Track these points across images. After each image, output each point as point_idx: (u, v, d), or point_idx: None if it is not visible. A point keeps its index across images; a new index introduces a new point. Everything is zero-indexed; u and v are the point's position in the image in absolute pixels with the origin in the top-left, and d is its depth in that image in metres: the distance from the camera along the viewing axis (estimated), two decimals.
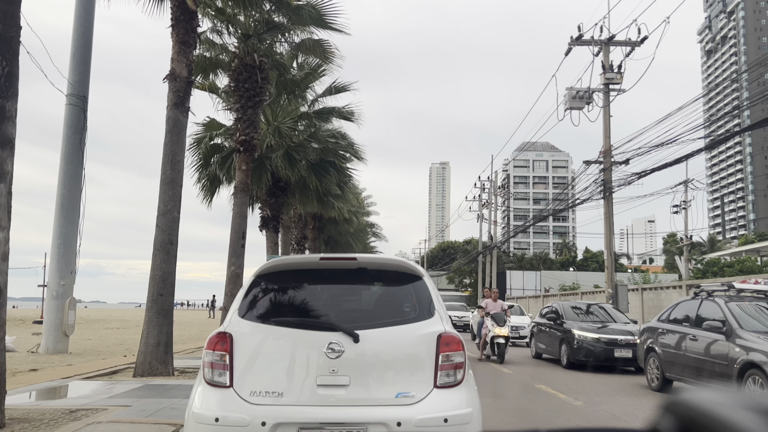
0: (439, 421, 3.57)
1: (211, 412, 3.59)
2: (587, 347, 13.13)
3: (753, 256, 52.71)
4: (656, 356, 10.11)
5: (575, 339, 13.39)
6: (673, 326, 9.93)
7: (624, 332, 13.39)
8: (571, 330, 13.76)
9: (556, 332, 14.60)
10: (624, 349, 12.90)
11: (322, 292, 4.17)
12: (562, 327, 14.38)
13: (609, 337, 13.18)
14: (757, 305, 8.88)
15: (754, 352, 7.54)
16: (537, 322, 16.71)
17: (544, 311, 16.62)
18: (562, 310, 15.21)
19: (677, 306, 10.38)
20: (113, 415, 5.86)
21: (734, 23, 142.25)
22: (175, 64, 10.22)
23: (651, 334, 10.58)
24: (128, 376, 9.40)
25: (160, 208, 9.92)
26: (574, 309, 15.53)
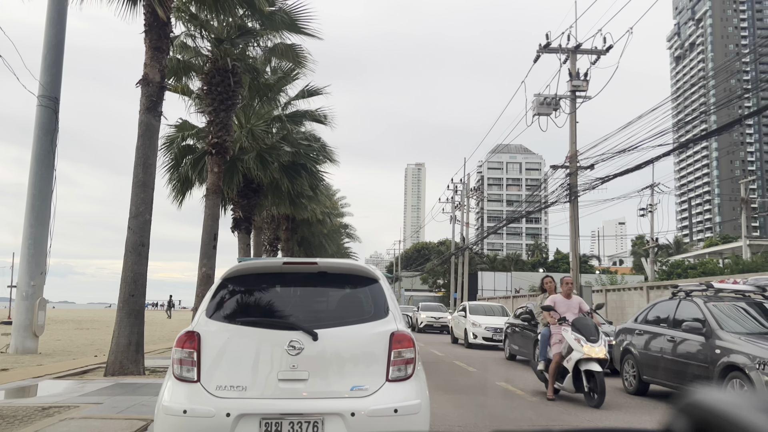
0: (389, 411, 3.91)
1: (180, 405, 3.88)
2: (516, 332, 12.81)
3: (716, 258, 54.30)
4: (633, 358, 9.77)
5: None
6: (651, 327, 9.62)
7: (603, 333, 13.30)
8: None
9: (531, 333, 14.17)
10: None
11: (285, 294, 4.48)
12: (536, 328, 13.98)
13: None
14: (735, 305, 8.62)
15: (736, 354, 7.29)
16: (511, 323, 16.38)
17: (518, 312, 16.19)
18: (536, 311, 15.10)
19: (654, 306, 10.04)
20: (85, 412, 6.09)
21: (702, 30, 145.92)
22: (148, 69, 10.41)
23: (627, 335, 10.22)
24: (99, 375, 9.56)
25: (132, 210, 10.10)
26: None
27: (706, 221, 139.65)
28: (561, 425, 7.13)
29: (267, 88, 17.26)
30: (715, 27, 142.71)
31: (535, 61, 23.97)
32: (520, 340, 15.07)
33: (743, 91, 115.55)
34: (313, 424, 3.83)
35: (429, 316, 30.57)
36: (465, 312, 21.40)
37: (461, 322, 21.40)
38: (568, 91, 22.78)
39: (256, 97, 17.64)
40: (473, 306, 22.38)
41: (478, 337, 19.73)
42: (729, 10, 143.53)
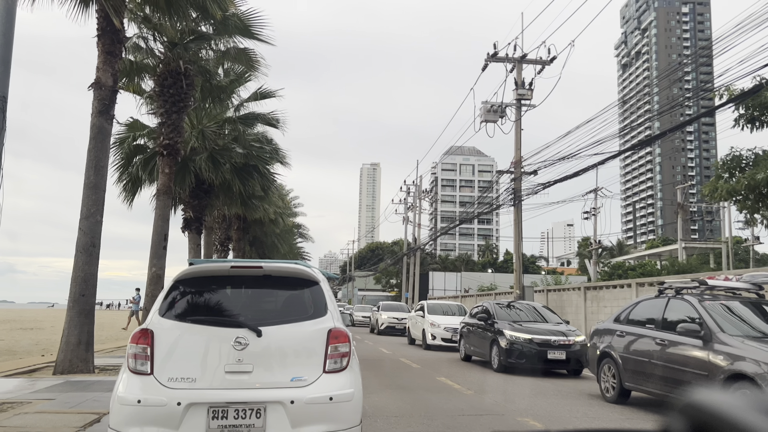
0: (325, 399, 4.40)
1: (134, 396, 4.27)
2: (519, 349, 12.25)
3: (654, 259, 56.86)
4: (613, 363, 8.78)
5: (506, 340, 12.52)
6: (635, 328, 8.63)
7: (556, 332, 12.66)
8: (502, 330, 12.83)
9: (487, 333, 13.63)
10: (557, 351, 12.19)
11: (233, 295, 4.92)
12: (493, 327, 13.42)
13: (542, 338, 12.36)
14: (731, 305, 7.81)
15: (743, 362, 6.47)
16: (466, 323, 15.61)
17: (474, 311, 15.54)
18: (493, 310, 14.17)
19: (638, 305, 9.11)
20: (39, 407, 6.35)
21: (647, 39, 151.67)
22: (101, 73, 10.58)
23: (604, 336, 9.25)
24: (48, 374, 9.71)
25: (83, 211, 10.27)
26: (505, 308, 14.52)
27: (649, 224, 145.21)
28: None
29: (219, 90, 17.46)
30: (660, 37, 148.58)
31: (483, 69, 24.83)
32: (476, 341, 14.42)
33: (684, 98, 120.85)
34: (256, 411, 4.28)
35: (391, 316, 28.19)
36: (423, 311, 20.41)
37: (419, 323, 20.51)
38: (514, 100, 23.71)
39: (208, 99, 17.81)
40: (432, 305, 21.25)
41: (437, 338, 18.84)
42: (673, 21, 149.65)
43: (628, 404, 8.66)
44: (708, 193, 20.14)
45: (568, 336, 12.46)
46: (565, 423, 7.13)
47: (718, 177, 19.29)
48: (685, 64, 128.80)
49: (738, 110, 17.45)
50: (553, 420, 7.20)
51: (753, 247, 52.79)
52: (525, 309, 14.68)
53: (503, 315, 13.93)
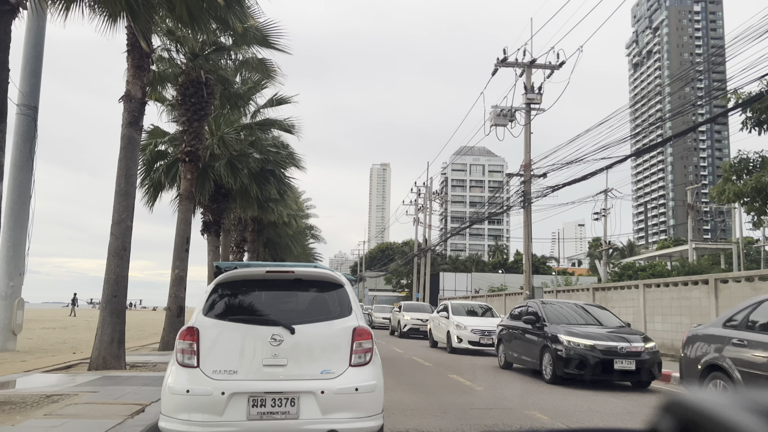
0: (351, 390, 4.95)
1: (183, 386, 4.83)
2: (579, 357, 10.54)
3: (665, 260, 56.95)
4: (727, 378, 7.24)
5: (563, 347, 10.79)
6: (761, 336, 6.96)
7: (620, 337, 10.85)
8: (556, 335, 11.10)
9: (536, 337, 11.95)
10: (626, 360, 10.44)
11: (267, 296, 5.48)
12: (542, 331, 11.72)
13: (606, 344, 10.59)
14: None
15: None
16: (506, 325, 13.95)
17: (516, 311, 13.95)
18: (541, 311, 12.40)
19: (760, 305, 7.37)
20: (86, 398, 6.95)
21: (659, 39, 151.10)
22: (130, 86, 11.20)
23: (711, 345, 7.62)
24: (83, 370, 10.32)
25: (114, 217, 10.88)
26: (556, 309, 12.72)
27: (660, 224, 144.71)
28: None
29: (237, 97, 18.06)
30: (671, 36, 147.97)
31: (493, 74, 25.29)
32: (521, 346, 12.71)
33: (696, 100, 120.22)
34: (290, 400, 4.84)
35: (414, 317, 26.26)
36: (447, 312, 19.11)
37: (442, 324, 19.20)
38: (524, 104, 24.15)
39: (227, 106, 18.44)
40: (456, 305, 19.91)
41: (463, 340, 17.46)
42: (684, 20, 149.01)
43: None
44: (716, 195, 20.51)
45: (634, 342, 10.74)
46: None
47: (725, 179, 19.67)
48: (698, 63, 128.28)
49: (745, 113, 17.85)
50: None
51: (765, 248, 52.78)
52: (574, 309, 12.78)
53: (554, 317, 12.17)
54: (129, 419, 5.86)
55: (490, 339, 16.80)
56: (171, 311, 14.99)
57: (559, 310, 12.57)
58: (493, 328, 16.83)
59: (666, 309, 17.55)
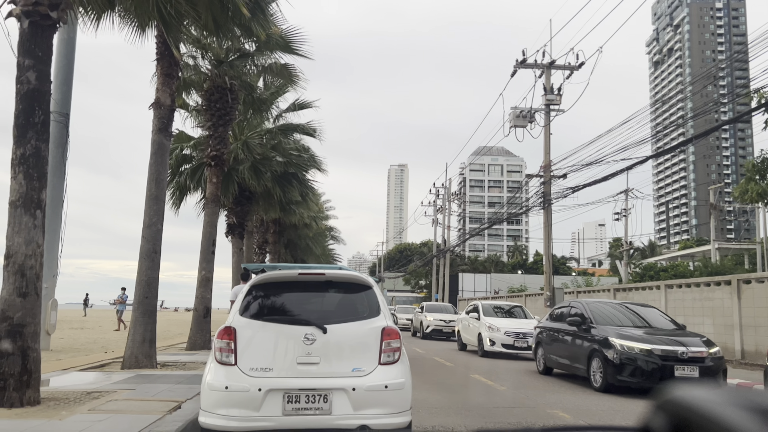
0: (381, 387, 5.17)
1: (221, 383, 5.09)
2: (634, 363, 9.63)
3: (687, 260, 56.34)
4: None
5: (616, 351, 9.85)
6: None
7: (678, 341, 9.92)
8: (607, 338, 10.17)
9: (582, 341, 11.00)
10: (688, 367, 9.55)
11: (300, 297, 5.72)
12: (590, 333, 10.83)
13: (665, 348, 9.69)
14: None
15: None
16: (545, 327, 13.06)
17: (557, 312, 13.08)
18: (588, 311, 11.45)
19: None
20: (124, 395, 7.27)
21: (680, 36, 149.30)
22: (160, 94, 11.55)
23: None
24: (116, 368, 10.68)
25: (145, 221, 11.25)
26: (604, 309, 11.71)
27: (683, 224, 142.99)
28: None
29: (260, 102, 18.41)
30: (693, 33, 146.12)
31: (512, 75, 25.39)
32: (564, 350, 11.78)
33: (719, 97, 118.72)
34: (323, 396, 5.08)
35: (437, 318, 25.86)
36: (478, 313, 18.11)
37: (472, 326, 18.23)
38: (543, 105, 24.21)
39: (250, 111, 18.80)
40: (487, 306, 18.91)
41: (496, 343, 16.57)
42: (706, 17, 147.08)
43: None
44: (738, 195, 20.40)
45: (695, 346, 9.82)
46: None
47: (748, 179, 19.57)
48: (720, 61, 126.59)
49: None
50: None
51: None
52: (619, 309, 11.81)
53: (602, 318, 11.20)
54: (168, 415, 6.15)
55: (525, 342, 16.17)
56: (198, 312, 15.35)
57: (607, 310, 11.60)
58: (528, 330, 16.20)
59: (688, 310, 17.53)
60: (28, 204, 6.88)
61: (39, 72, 7.04)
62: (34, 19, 7.02)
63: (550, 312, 13.87)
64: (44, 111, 7.07)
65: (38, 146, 6.98)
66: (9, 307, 6.70)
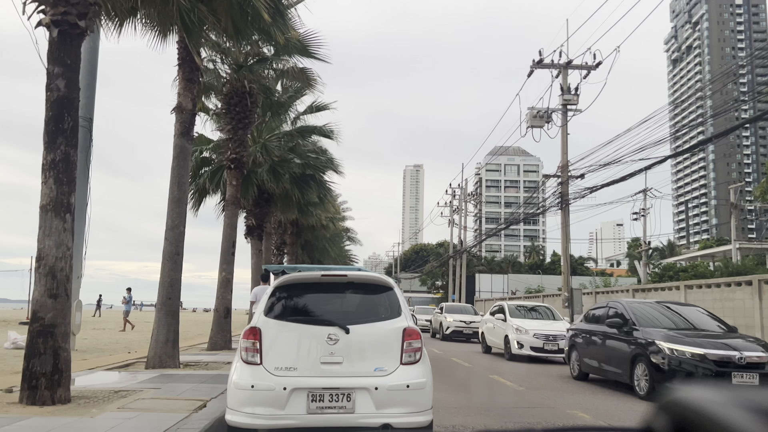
0: (403, 386, 5.28)
1: (247, 382, 5.23)
2: (685, 369, 8.84)
3: (707, 260, 55.69)
4: None
5: (664, 355, 9.11)
6: None
7: (731, 345, 9.07)
8: (653, 341, 9.44)
9: (624, 344, 10.27)
10: (747, 373, 8.68)
11: (323, 298, 5.84)
12: (632, 336, 10.10)
13: (719, 353, 8.85)
14: None
15: None
16: (580, 329, 12.34)
17: (594, 313, 12.21)
18: (630, 312, 10.67)
19: None
20: (150, 394, 7.45)
21: (699, 33, 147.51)
22: (182, 99, 11.77)
23: None
24: (141, 368, 10.90)
25: (168, 223, 11.46)
26: (645, 309, 10.89)
27: (702, 223, 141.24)
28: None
29: (278, 105, 18.63)
30: (712, 30, 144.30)
31: (528, 75, 25.34)
32: (603, 354, 10.99)
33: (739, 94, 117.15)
34: (346, 395, 5.19)
35: (457, 319, 25.35)
36: (504, 314, 17.32)
37: (498, 327, 17.43)
38: (560, 105, 24.15)
39: (268, 114, 19.02)
40: (514, 307, 18.02)
41: (524, 346, 15.79)
42: (726, 13, 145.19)
43: None
44: (759, 194, 20.21)
45: (752, 350, 8.92)
46: None
47: None
48: (740, 59, 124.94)
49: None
50: None
51: None
52: (659, 309, 10.98)
53: (645, 319, 10.42)
54: (194, 413, 6.30)
55: (555, 345, 15.53)
56: (218, 312, 15.57)
57: (649, 311, 10.81)
58: (558, 332, 15.70)
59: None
60: (58, 208, 7.10)
61: (68, 79, 7.24)
62: (63, 28, 7.22)
63: (584, 313, 13.05)
64: (73, 117, 7.28)
65: (67, 152, 7.19)
66: (41, 308, 6.90)
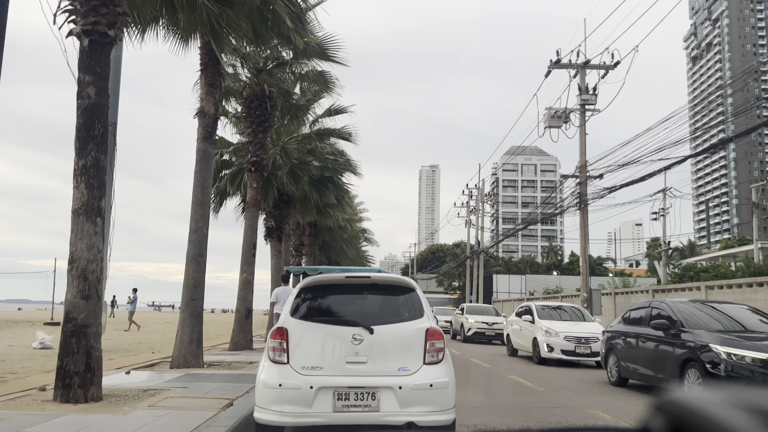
0: (426, 386, 5.39)
1: (275, 381, 5.38)
2: (746, 376, 7.97)
3: (729, 261, 54.99)
4: None
5: (721, 361, 8.23)
6: None
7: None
8: (707, 345, 8.56)
9: (671, 348, 9.41)
10: None
11: (347, 299, 5.98)
12: (680, 339, 9.26)
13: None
14: None
15: None
16: (618, 331, 11.44)
17: (634, 314, 11.35)
18: (677, 313, 9.79)
19: None
20: (178, 393, 7.64)
21: (719, 30, 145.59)
22: (204, 103, 11.99)
23: None
24: (165, 368, 11.12)
25: (191, 225, 11.68)
26: (692, 309, 9.95)
27: (723, 223, 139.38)
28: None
29: (297, 108, 18.82)
30: (732, 27, 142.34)
31: (546, 75, 25.32)
32: (645, 358, 10.19)
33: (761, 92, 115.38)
34: (371, 394, 5.32)
35: (479, 321, 24.81)
36: (531, 315, 16.66)
37: (525, 329, 16.77)
38: (578, 105, 24.12)
39: (287, 117, 19.24)
40: (542, 308, 17.26)
41: (554, 349, 15.10)
42: (746, 9, 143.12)
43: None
44: None
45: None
46: None
47: None
48: (762, 55, 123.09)
49: None
50: None
51: None
52: (703, 309, 10.11)
53: (694, 321, 9.51)
54: (222, 411, 6.47)
55: (587, 348, 14.89)
56: (240, 313, 15.79)
57: (695, 312, 9.89)
58: (591, 334, 15.12)
59: None
60: (89, 212, 7.32)
61: (98, 87, 7.46)
62: (93, 37, 7.45)
63: (623, 315, 12.09)
64: (103, 124, 7.50)
65: (98, 157, 7.40)
66: (73, 309, 7.12)
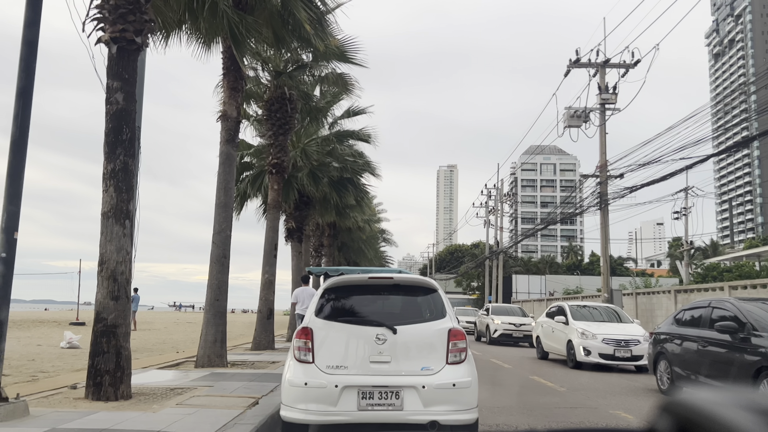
0: (449, 385, 5.47)
1: (301, 380, 5.49)
2: None
3: (753, 260, 54.15)
4: None
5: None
6: None
7: None
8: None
9: (740, 354, 8.35)
10: None
11: (370, 300, 6.08)
12: (751, 344, 8.17)
13: None
14: None
15: None
16: (671, 334, 10.36)
17: (689, 314, 10.25)
18: (746, 314, 8.69)
19: None
20: (204, 392, 7.80)
21: (742, 26, 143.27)
22: (227, 107, 12.18)
23: None
24: (190, 367, 11.32)
25: (215, 227, 11.87)
26: (761, 310, 8.73)
27: (747, 222, 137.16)
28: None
29: (317, 110, 19.00)
30: (755, 23, 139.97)
31: (565, 75, 25.20)
32: (710, 365, 9.03)
33: None
34: (395, 393, 5.41)
35: (506, 321, 23.99)
36: (564, 316, 15.83)
37: (558, 331, 15.90)
38: (598, 104, 23.95)
39: (306, 119, 19.42)
40: (575, 309, 16.28)
41: (591, 353, 14.26)
42: None
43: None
44: None
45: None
46: None
47: None
48: None
49: None
50: None
51: None
52: None
53: (766, 323, 8.37)
54: (248, 410, 6.61)
55: (628, 351, 14.08)
56: (262, 313, 15.98)
57: (765, 314, 8.64)
58: (631, 337, 14.30)
59: None
60: (118, 215, 7.51)
61: (126, 93, 7.66)
62: (121, 44, 7.64)
63: (674, 315, 10.99)
64: (131, 129, 7.69)
65: (126, 161, 7.59)
66: (103, 309, 7.32)
